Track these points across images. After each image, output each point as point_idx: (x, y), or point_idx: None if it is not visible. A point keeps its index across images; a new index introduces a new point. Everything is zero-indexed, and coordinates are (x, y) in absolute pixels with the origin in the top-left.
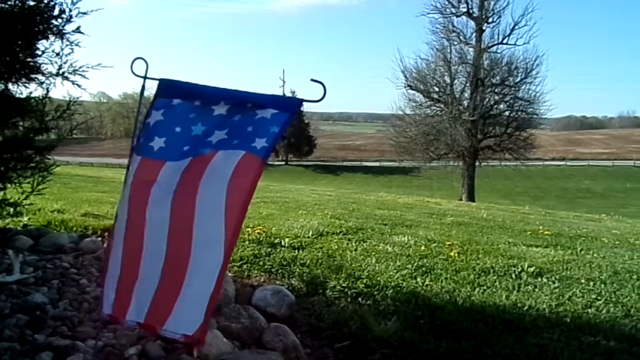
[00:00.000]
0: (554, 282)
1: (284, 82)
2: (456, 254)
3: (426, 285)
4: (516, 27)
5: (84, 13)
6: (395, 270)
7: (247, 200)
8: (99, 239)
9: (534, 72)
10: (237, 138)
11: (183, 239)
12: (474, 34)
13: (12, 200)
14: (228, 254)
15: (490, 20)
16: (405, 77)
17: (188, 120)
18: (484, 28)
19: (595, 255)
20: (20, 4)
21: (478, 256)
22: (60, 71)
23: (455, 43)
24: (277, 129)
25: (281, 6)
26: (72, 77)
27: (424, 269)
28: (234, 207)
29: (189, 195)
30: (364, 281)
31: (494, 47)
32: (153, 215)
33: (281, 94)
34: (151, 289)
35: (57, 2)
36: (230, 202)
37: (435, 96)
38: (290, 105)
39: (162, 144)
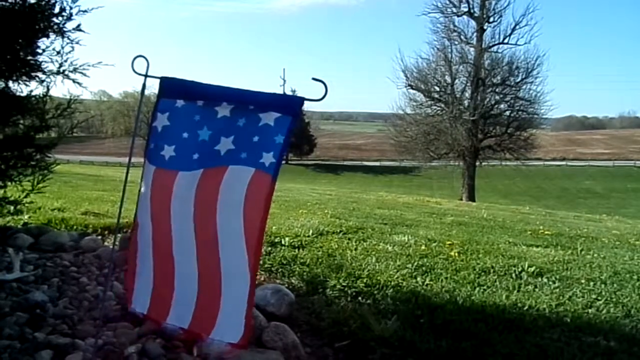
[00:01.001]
0: (554, 282)
1: (284, 81)
2: (456, 254)
3: (426, 285)
4: (517, 26)
5: (85, 11)
6: (395, 270)
7: (263, 224)
8: (99, 237)
9: (534, 72)
10: (244, 150)
11: (211, 263)
12: (475, 34)
13: (12, 199)
14: (254, 275)
15: (491, 19)
16: (406, 76)
17: (193, 123)
18: (485, 28)
19: (595, 255)
20: (21, 2)
21: (478, 256)
22: (61, 69)
23: (456, 43)
24: (282, 138)
25: (281, 6)
26: (72, 76)
27: (424, 268)
28: (252, 233)
29: (208, 221)
30: (364, 280)
31: (495, 47)
32: (178, 237)
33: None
34: (191, 301)
35: (58, 0)
36: (248, 229)
37: (436, 96)
38: (291, 105)
39: (173, 153)
